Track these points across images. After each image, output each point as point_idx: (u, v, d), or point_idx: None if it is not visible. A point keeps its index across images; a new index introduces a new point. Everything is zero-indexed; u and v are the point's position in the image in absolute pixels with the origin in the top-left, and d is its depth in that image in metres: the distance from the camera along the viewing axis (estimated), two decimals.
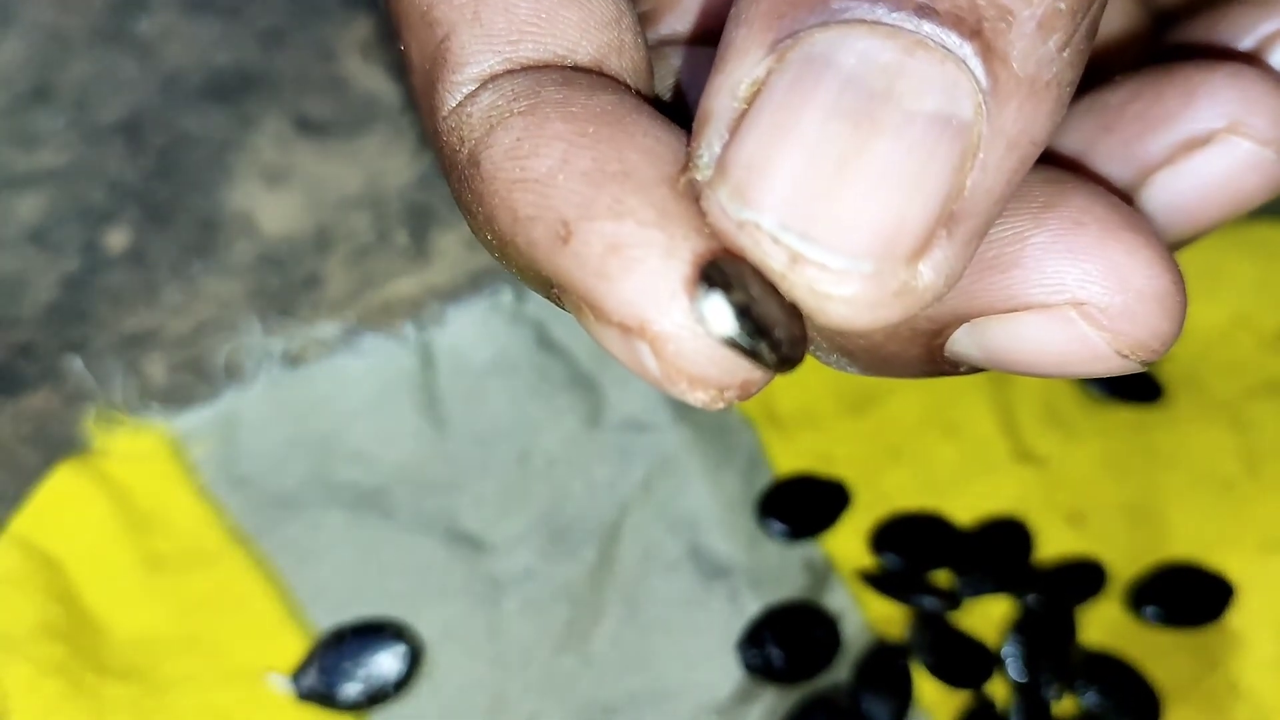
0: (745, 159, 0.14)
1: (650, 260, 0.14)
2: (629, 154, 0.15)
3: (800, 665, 0.27)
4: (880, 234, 0.13)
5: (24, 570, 0.26)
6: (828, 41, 0.14)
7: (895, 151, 0.13)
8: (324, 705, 0.25)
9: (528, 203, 0.15)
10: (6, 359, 0.29)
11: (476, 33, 0.16)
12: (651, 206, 0.14)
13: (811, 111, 0.13)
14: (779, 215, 0.14)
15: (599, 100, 0.15)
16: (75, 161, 0.32)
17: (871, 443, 0.30)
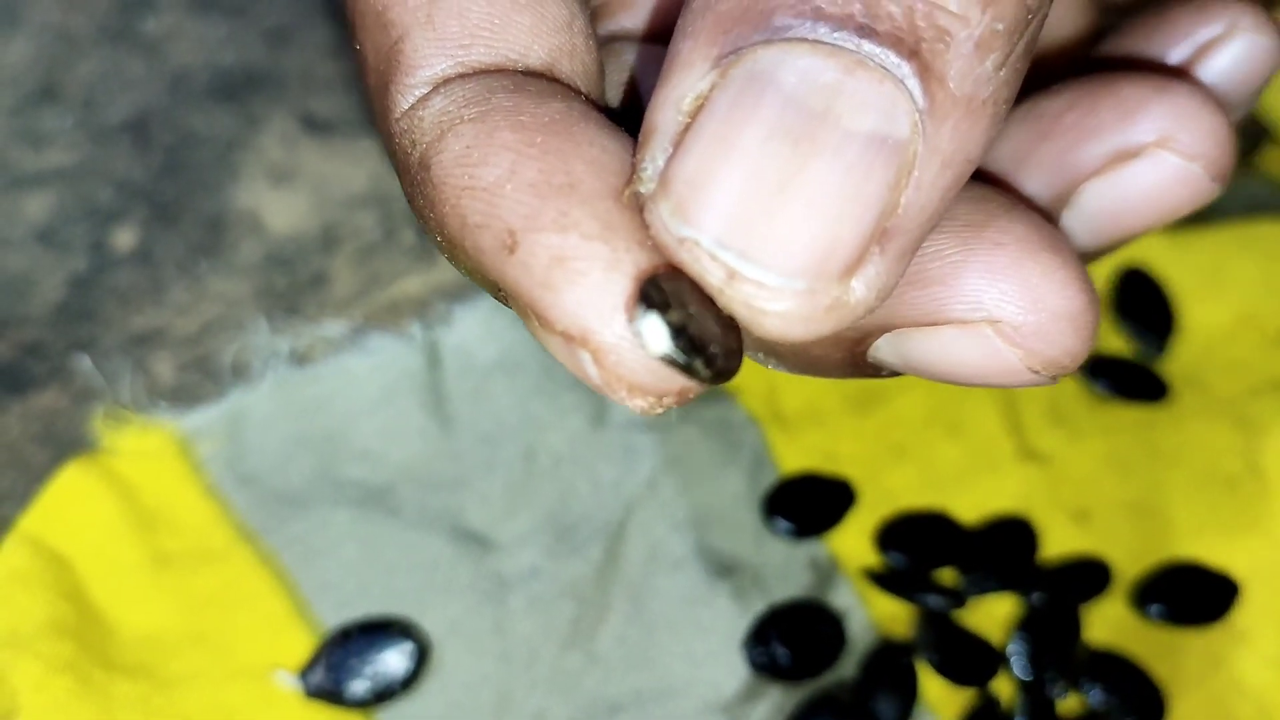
0: (686, 176, 0.14)
1: (593, 273, 0.14)
2: (575, 165, 0.15)
3: (806, 663, 0.27)
4: (815, 253, 0.14)
5: (32, 568, 0.26)
6: (770, 59, 0.14)
7: (832, 172, 0.14)
8: (331, 703, 0.25)
9: (476, 210, 0.15)
10: (15, 358, 0.29)
11: (430, 36, 0.17)
12: (596, 219, 0.15)
13: (752, 130, 0.14)
14: (717, 233, 0.14)
15: (548, 108, 0.16)
16: (83, 161, 0.32)
17: (876, 441, 0.30)
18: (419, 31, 0.17)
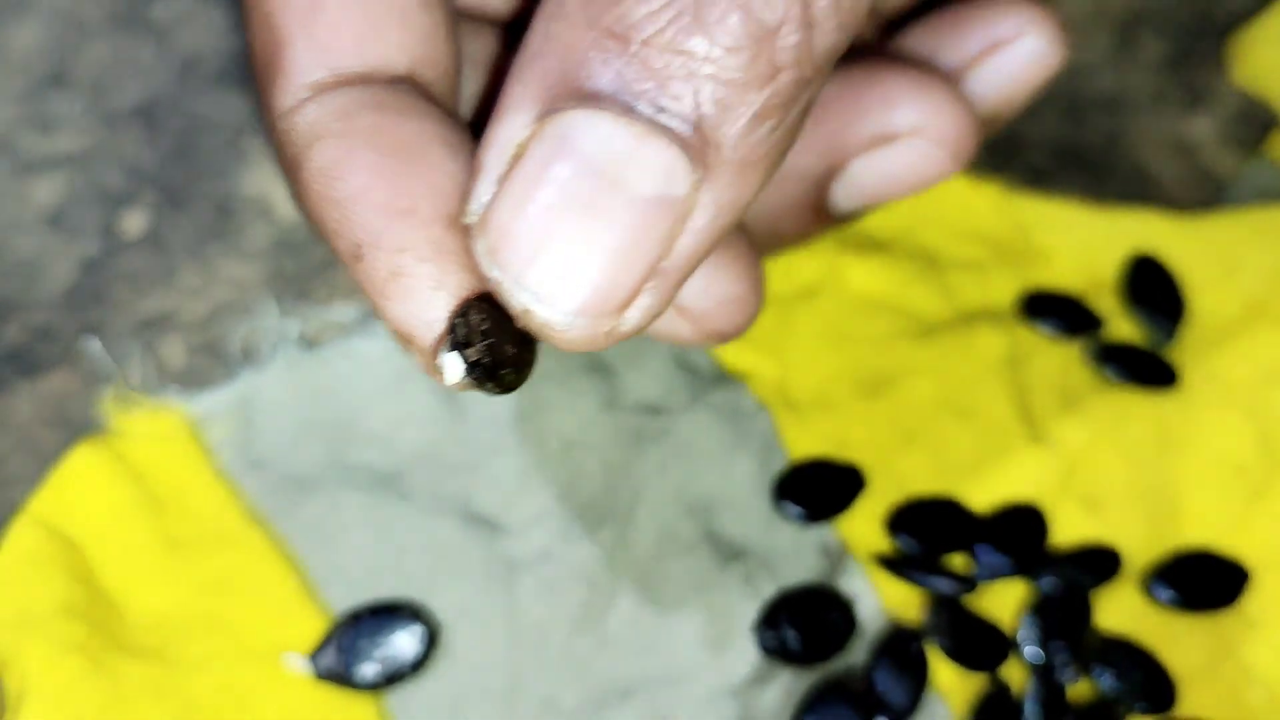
0: (499, 223, 0.17)
1: (421, 290, 0.18)
2: (418, 190, 0.18)
3: (816, 647, 0.27)
4: (596, 298, 0.17)
5: (43, 550, 0.26)
6: (577, 123, 0.16)
7: (616, 231, 0.17)
8: (341, 685, 0.25)
9: (332, 219, 0.19)
10: (25, 341, 0.29)
11: (309, 45, 0.19)
12: (429, 244, 0.18)
13: (553, 190, 0.17)
14: (517, 277, 0.17)
15: (403, 130, 0.19)
16: (92, 146, 0.32)
17: (886, 427, 0.30)
18: (300, 40, 0.19)
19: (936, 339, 0.31)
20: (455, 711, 0.25)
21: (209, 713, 0.25)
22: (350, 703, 0.25)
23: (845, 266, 0.32)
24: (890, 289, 0.32)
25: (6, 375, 0.29)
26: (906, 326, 0.31)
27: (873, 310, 0.31)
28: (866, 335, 0.31)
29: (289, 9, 0.19)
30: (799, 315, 0.31)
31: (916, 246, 0.33)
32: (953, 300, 0.32)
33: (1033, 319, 0.31)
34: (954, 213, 0.33)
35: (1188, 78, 0.36)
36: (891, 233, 0.33)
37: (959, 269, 0.32)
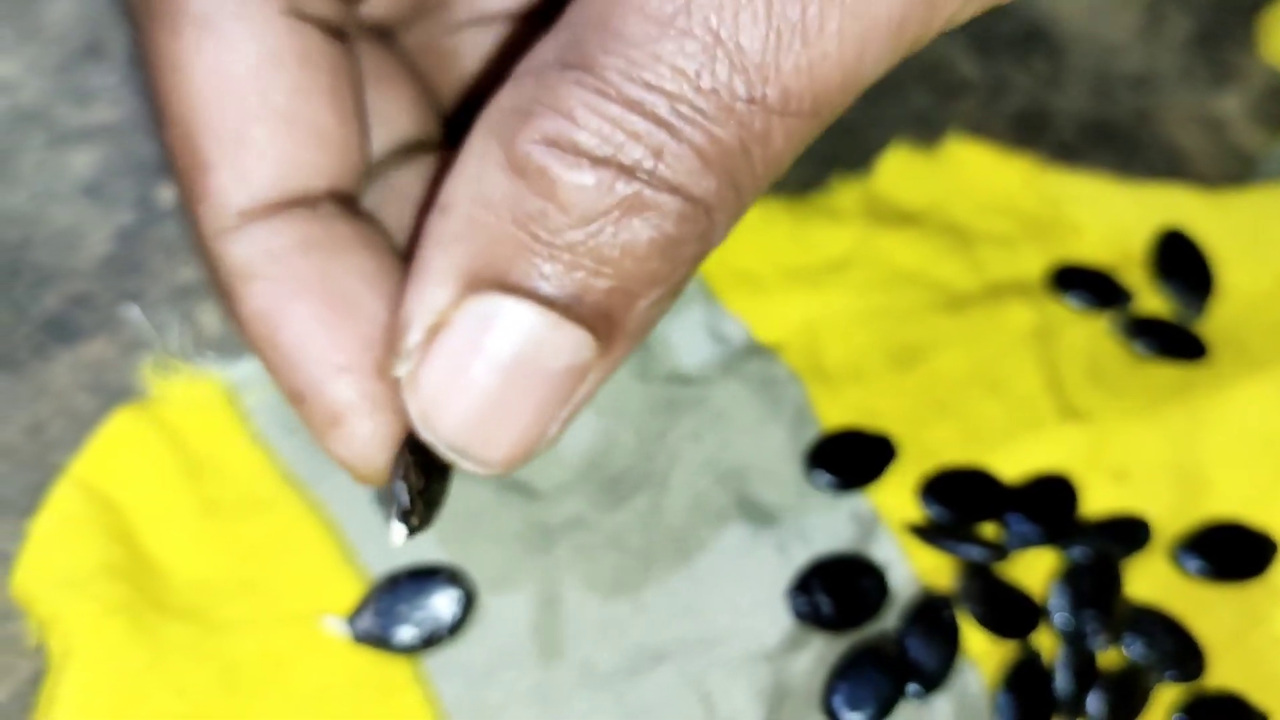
0: (429, 393, 0.19)
1: (359, 440, 0.21)
2: (352, 346, 0.21)
3: (849, 613, 0.27)
4: (514, 452, 0.20)
5: (85, 512, 0.26)
6: (502, 307, 0.19)
7: (534, 400, 0.19)
8: (379, 648, 0.26)
9: (271, 362, 0.21)
10: (64, 309, 0.29)
11: (235, 174, 0.21)
12: (363, 398, 0.21)
13: (479, 366, 0.19)
14: (448, 441, 0.20)
15: (334, 272, 0.21)
16: (128, 117, 0.32)
17: (917, 398, 0.30)
18: (226, 168, 0.21)
19: (966, 312, 0.31)
20: (491, 674, 0.26)
21: (248, 674, 0.25)
22: (387, 665, 0.26)
23: (876, 240, 0.32)
24: (921, 262, 0.32)
25: (46, 342, 0.29)
26: (937, 299, 0.31)
27: (903, 283, 0.31)
28: (897, 308, 0.31)
29: (214, 137, 0.20)
30: (830, 287, 0.31)
31: (946, 220, 0.33)
32: (982, 274, 0.32)
33: (1062, 292, 0.31)
34: (984, 187, 0.33)
35: (1216, 55, 0.36)
36: (921, 207, 0.33)
37: (989, 243, 0.32)
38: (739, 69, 0.18)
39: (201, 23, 0.20)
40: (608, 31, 0.18)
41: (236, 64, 0.20)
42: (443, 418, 0.20)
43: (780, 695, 0.26)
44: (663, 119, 0.18)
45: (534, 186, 0.18)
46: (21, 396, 0.28)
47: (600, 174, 0.18)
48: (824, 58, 0.18)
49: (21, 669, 0.25)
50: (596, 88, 0.18)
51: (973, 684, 0.27)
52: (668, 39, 0.18)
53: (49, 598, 0.25)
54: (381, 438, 0.21)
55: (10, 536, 0.27)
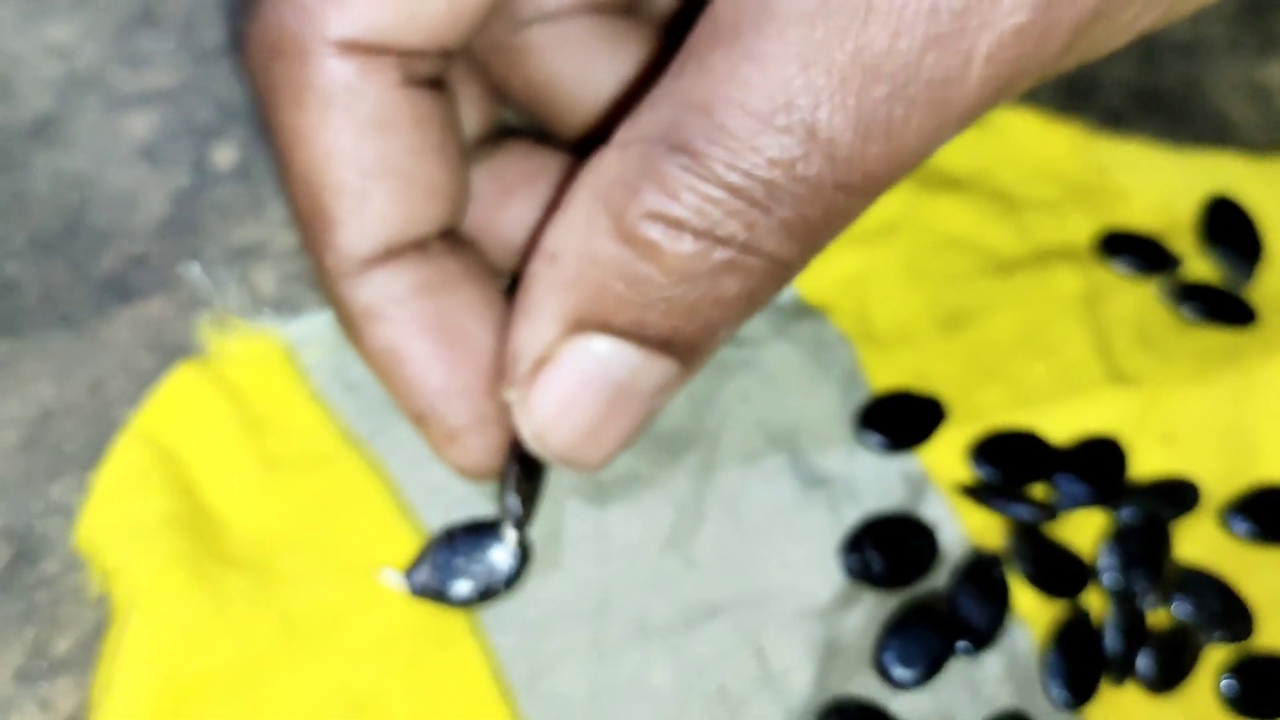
0: (539, 416, 0.23)
1: (473, 451, 0.25)
2: (466, 374, 0.25)
3: (900, 571, 0.27)
4: (610, 455, 0.24)
5: (147, 465, 0.26)
6: (604, 345, 0.22)
7: (629, 418, 0.23)
8: (436, 601, 0.26)
9: (393, 389, 0.25)
10: (122, 269, 0.30)
11: (358, 227, 0.24)
12: (477, 419, 0.25)
13: (585, 392, 0.22)
14: (556, 454, 0.23)
15: (448, 310, 0.24)
16: (183, 81, 0.32)
17: (966, 361, 0.30)
18: (350, 223, 0.24)
19: (1014, 276, 0.31)
20: (546, 627, 0.26)
21: (307, 625, 0.25)
22: (443, 618, 0.26)
23: (924, 205, 0.32)
24: (968, 227, 0.32)
25: (105, 301, 0.29)
26: (985, 264, 0.31)
27: (952, 248, 0.32)
28: (945, 272, 0.31)
29: (338, 196, 0.23)
30: (879, 251, 0.31)
31: (994, 186, 0.33)
32: (1030, 239, 0.32)
33: (1109, 257, 0.32)
34: (1031, 153, 0.33)
35: (1263, 24, 0.36)
36: (968, 173, 0.33)
37: (1036, 209, 0.33)
38: (829, 159, 0.20)
39: (326, 100, 0.23)
40: (711, 122, 0.20)
41: (359, 134, 0.23)
42: (553, 436, 0.23)
43: (832, 651, 0.26)
44: (758, 200, 0.20)
45: (639, 253, 0.21)
46: (82, 354, 0.29)
47: (699, 244, 0.21)
48: (903, 149, 0.20)
49: (86, 619, 0.26)
50: (700, 174, 0.20)
51: (1022, 642, 0.27)
52: (767, 134, 0.20)
53: (113, 549, 0.26)
54: (491, 449, 0.25)
55: (73, 490, 0.27)
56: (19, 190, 0.31)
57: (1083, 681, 0.27)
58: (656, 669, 0.26)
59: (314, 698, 0.25)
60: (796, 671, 0.26)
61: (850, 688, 0.26)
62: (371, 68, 0.23)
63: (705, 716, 0.25)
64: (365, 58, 0.23)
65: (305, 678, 0.25)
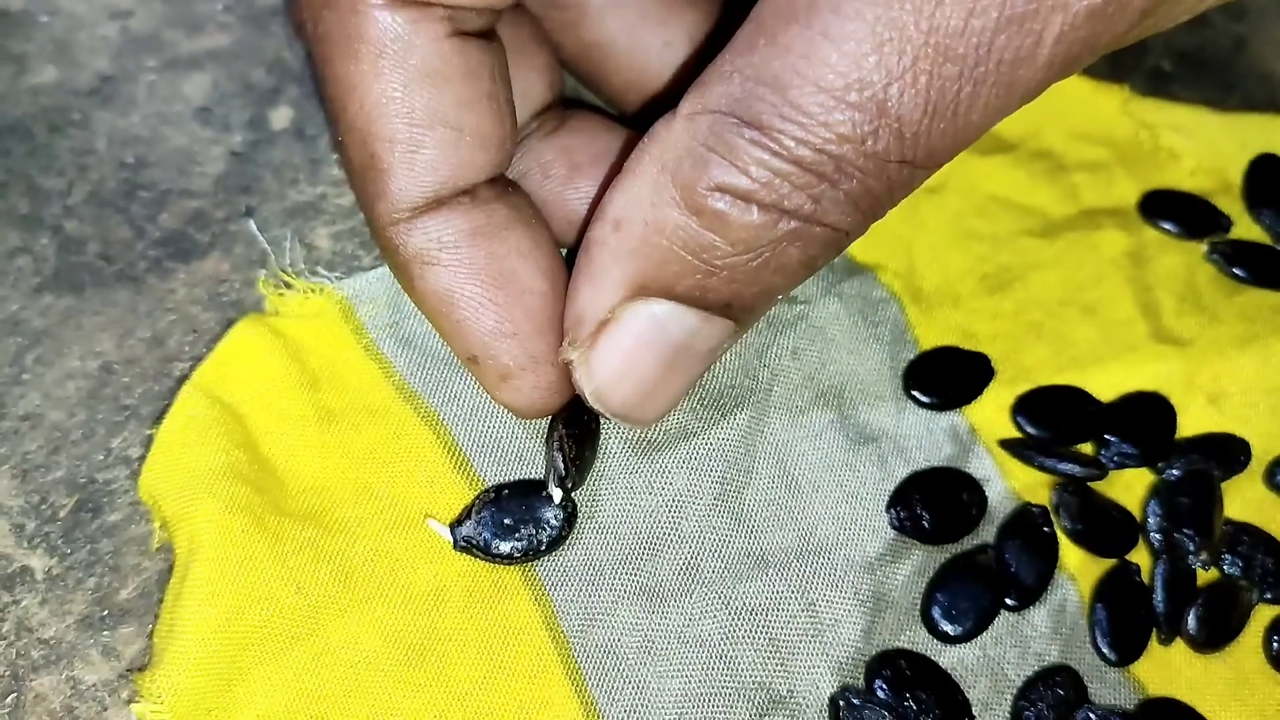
0: (601, 375, 0.24)
1: (525, 391, 0.26)
2: (518, 316, 0.25)
3: (947, 526, 0.27)
4: (665, 411, 0.25)
5: (208, 417, 0.27)
6: (665, 310, 0.23)
7: (685, 376, 0.24)
8: (480, 556, 0.26)
9: (446, 331, 0.26)
10: (179, 228, 0.30)
11: (409, 177, 0.24)
12: (529, 358, 0.25)
13: (646, 353, 0.23)
14: (615, 411, 0.25)
15: (498, 255, 0.25)
16: (236, 43, 0.33)
17: (1012, 321, 0.30)
18: (401, 172, 0.24)
19: (1061, 237, 0.31)
20: (598, 578, 0.26)
21: (364, 574, 0.26)
22: (499, 569, 0.26)
23: (972, 166, 0.32)
24: (1014, 188, 0.32)
25: (163, 259, 0.30)
26: (1031, 224, 0.31)
27: (998, 209, 0.32)
28: (992, 232, 0.31)
29: (390, 146, 0.24)
30: (926, 212, 0.31)
31: (1040, 148, 0.33)
32: (1076, 200, 0.32)
33: (1155, 219, 0.31)
34: (1079, 116, 0.33)
35: None
36: (1016, 135, 0.33)
37: (1083, 170, 0.32)
38: (897, 136, 0.21)
39: (378, 51, 0.23)
40: (784, 98, 0.20)
41: (409, 84, 0.23)
42: (612, 395, 0.24)
43: (880, 604, 0.27)
44: (826, 174, 0.21)
45: (706, 223, 0.22)
46: (141, 310, 0.29)
47: (766, 216, 0.21)
48: (968, 126, 0.21)
49: (148, 568, 0.26)
50: (770, 148, 0.21)
51: (1069, 598, 0.27)
52: (840, 110, 0.20)
53: (175, 498, 0.26)
54: (543, 388, 0.25)
55: (134, 443, 0.28)
56: (79, 149, 0.31)
57: (1130, 639, 0.27)
58: (707, 620, 0.26)
59: (369, 646, 0.25)
60: (845, 624, 0.26)
61: (898, 641, 0.26)
62: (421, 19, 0.23)
63: (755, 666, 0.26)
64: (415, 9, 0.23)
65: (361, 626, 0.25)
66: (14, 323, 0.29)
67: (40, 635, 0.25)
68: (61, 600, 0.26)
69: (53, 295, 0.29)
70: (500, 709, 0.25)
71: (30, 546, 0.26)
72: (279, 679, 0.25)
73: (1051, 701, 0.26)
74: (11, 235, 0.30)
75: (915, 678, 0.26)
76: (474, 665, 0.25)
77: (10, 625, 0.25)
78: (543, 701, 0.25)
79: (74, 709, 0.25)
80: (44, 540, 0.26)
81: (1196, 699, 0.26)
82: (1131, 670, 0.27)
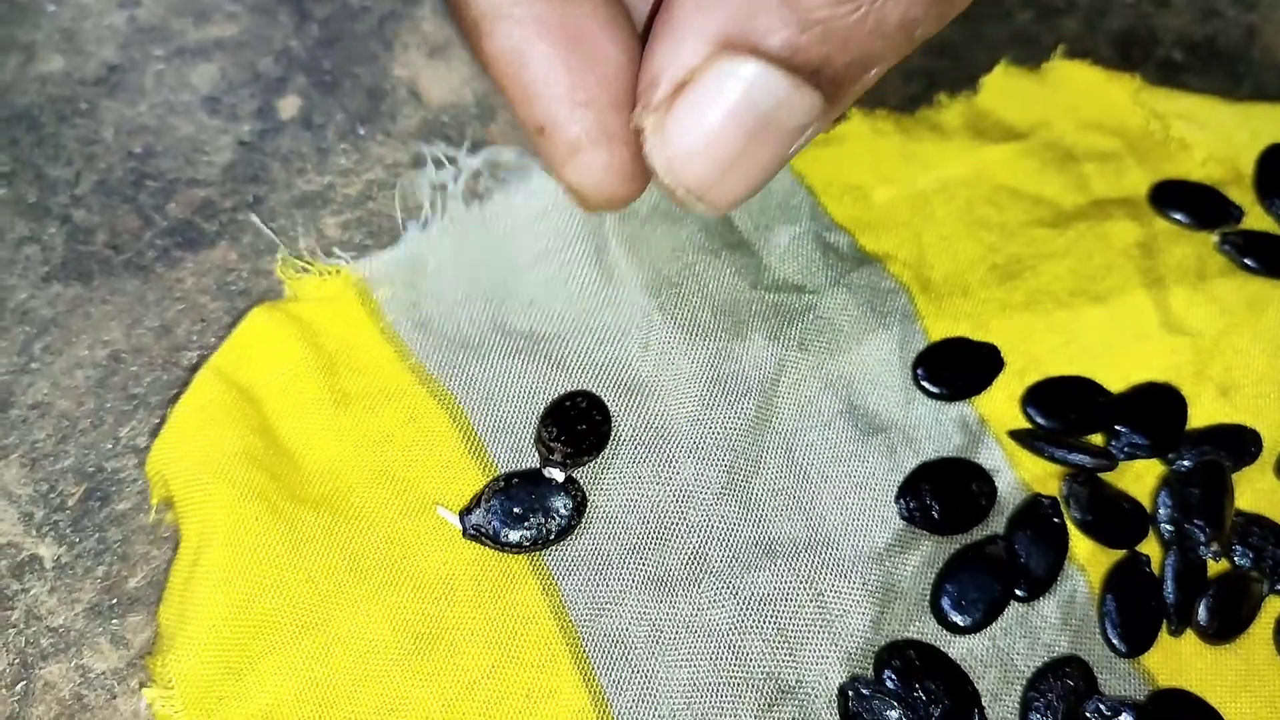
0: (676, 143, 0.21)
1: (595, 170, 0.22)
2: (591, 83, 0.22)
3: (957, 517, 0.27)
4: (741, 196, 0.22)
5: (224, 401, 0.27)
6: (750, 69, 0.20)
7: (767, 152, 0.21)
8: (488, 544, 0.26)
9: (514, 98, 0.22)
10: (187, 217, 0.30)
11: None
12: (601, 130, 0.22)
13: (725, 122, 0.21)
14: (689, 186, 0.21)
15: (573, 16, 0.22)
16: (243, 32, 0.33)
17: (1022, 311, 0.30)
18: None
19: (1071, 227, 0.31)
20: (606, 567, 0.26)
21: (374, 565, 0.26)
22: (506, 557, 0.26)
23: (980, 156, 0.32)
24: (1024, 178, 0.32)
25: (171, 248, 0.30)
26: (1041, 214, 0.31)
27: (1008, 198, 0.31)
28: (1002, 222, 0.31)
29: None
30: (935, 202, 0.31)
31: (1050, 137, 0.33)
32: (1087, 190, 0.32)
33: (1165, 209, 0.31)
34: (1089, 105, 0.33)
35: None
36: (1026, 124, 0.33)
37: (1093, 160, 0.32)
38: None
39: None
40: None
41: None
42: (687, 168, 0.21)
43: (889, 594, 0.27)
44: None
45: None
46: (150, 299, 0.29)
47: None
48: None
49: (156, 556, 0.26)
50: None
51: (1079, 589, 0.27)
52: None
53: (186, 479, 0.26)
54: (614, 168, 0.22)
55: (143, 431, 0.28)
56: (86, 139, 0.31)
57: (1141, 630, 0.27)
58: (715, 609, 0.26)
59: (379, 635, 0.25)
60: (854, 614, 0.26)
61: (907, 631, 0.26)
62: None
63: (763, 656, 0.26)
64: None
65: (371, 615, 0.25)
66: (22, 312, 0.29)
67: (49, 623, 0.25)
68: (70, 588, 0.26)
69: (61, 284, 0.29)
70: (508, 698, 0.25)
71: (39, 535, 0.26)
72: (289, 667, 0.25)
73: (1061, 692, 0.26)
74: (19, 224, 0.30)
75: (924, 668, 0.26)
76: (482, 654, 0.25)
77: (19, 613, 0.25)
78: (550, 691, 0.25)
79: (83, 697, 0.25)
80: (52, 529, 0.26)
81: (1207, 690, 0.26)
82: (1141, 661, 0.27)
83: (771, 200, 0.31)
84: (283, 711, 0.24)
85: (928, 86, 0.33)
